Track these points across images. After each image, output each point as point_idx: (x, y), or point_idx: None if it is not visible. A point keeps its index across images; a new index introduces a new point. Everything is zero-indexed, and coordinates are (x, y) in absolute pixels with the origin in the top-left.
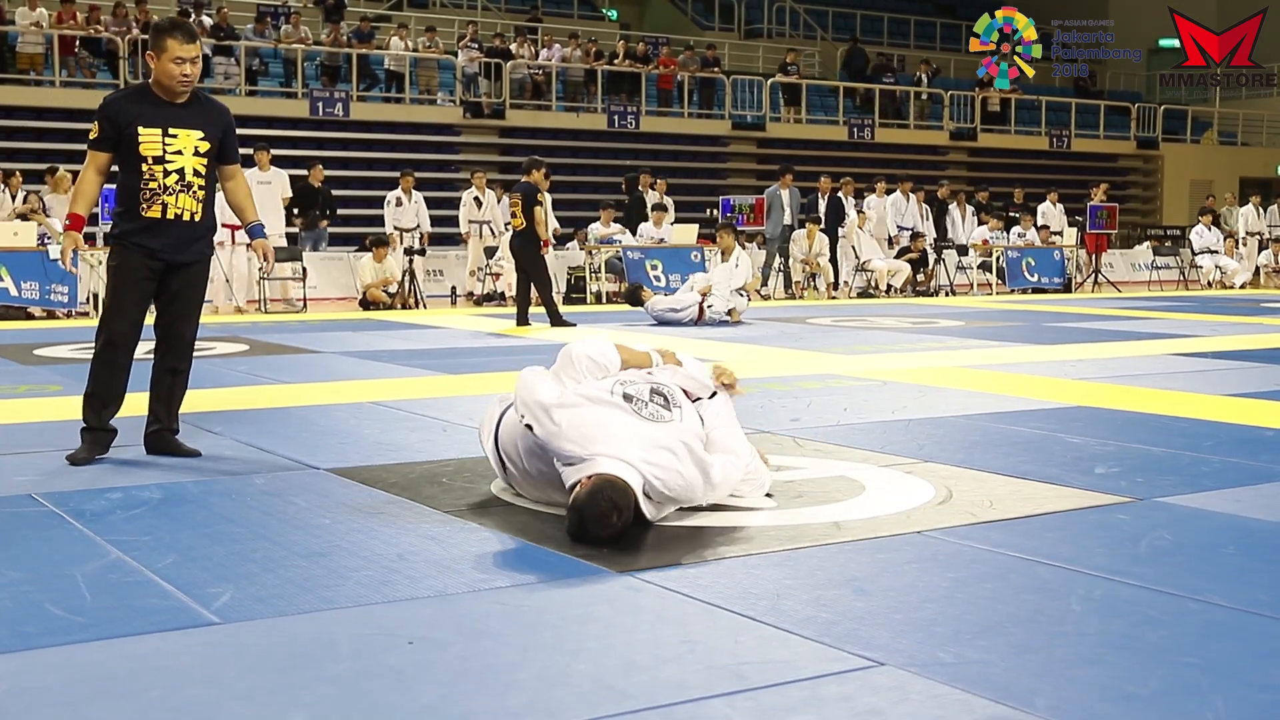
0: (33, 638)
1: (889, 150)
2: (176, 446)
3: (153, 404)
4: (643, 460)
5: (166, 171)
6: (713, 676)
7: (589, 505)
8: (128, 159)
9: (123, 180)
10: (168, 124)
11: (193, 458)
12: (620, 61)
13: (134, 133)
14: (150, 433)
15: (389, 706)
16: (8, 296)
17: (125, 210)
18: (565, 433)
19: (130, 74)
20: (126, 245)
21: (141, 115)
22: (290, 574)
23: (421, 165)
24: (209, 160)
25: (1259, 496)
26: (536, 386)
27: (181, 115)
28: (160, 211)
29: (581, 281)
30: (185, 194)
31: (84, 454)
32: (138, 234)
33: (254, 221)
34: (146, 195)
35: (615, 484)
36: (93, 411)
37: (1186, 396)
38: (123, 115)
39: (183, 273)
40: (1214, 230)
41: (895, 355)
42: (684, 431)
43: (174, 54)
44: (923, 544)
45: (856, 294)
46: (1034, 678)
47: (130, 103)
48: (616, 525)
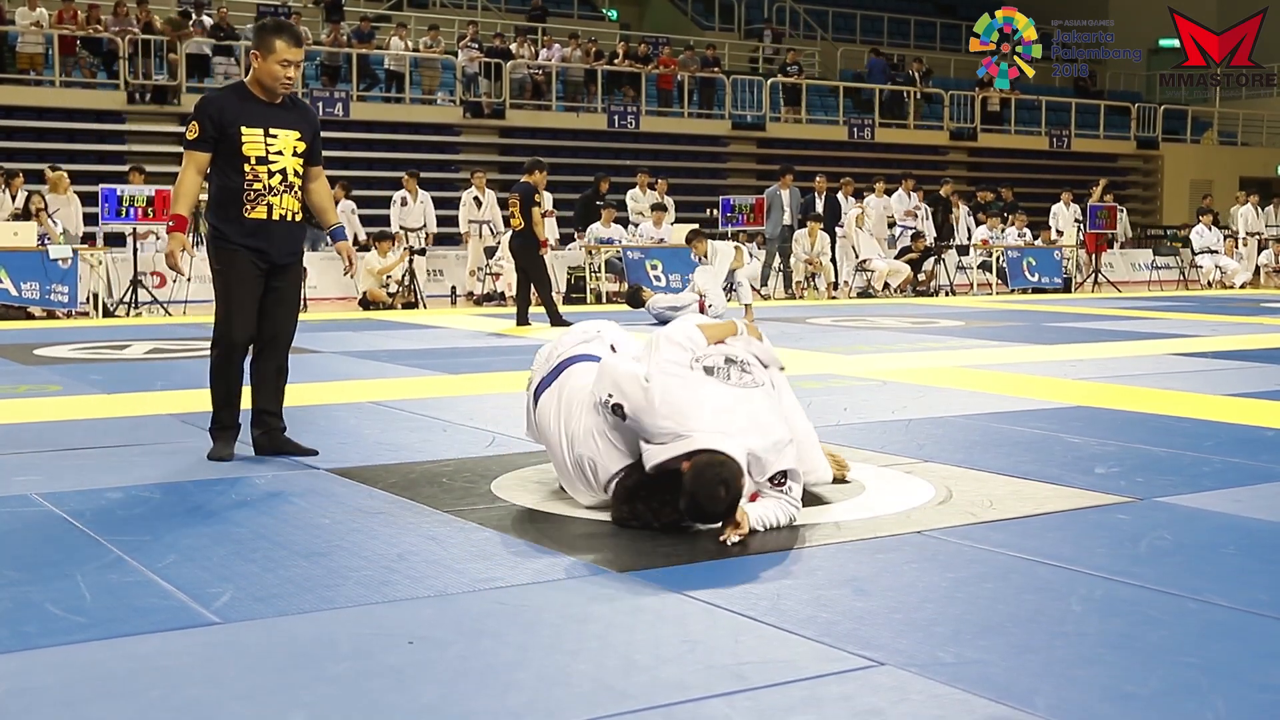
0: (33, 638)
1: (889, 150)
2: (294, 445)
3: (261, 404)
4: (741, 431)
5: (270, 172)
6: (713, 676)
7: (698, 485)
8: (229, 160)
9: (221, 182)
10: (269, 124)
11: (310, 455)
12: (620, 61)
13: (236, 133)
14: (261, 433)
15: (389, 706)
16: (8, 297)
17: (225, 213)
18: (659, 409)
19: (130, 74)
20: (235, 248)
21: (244, 115)
22: (290, 574)
23: (421, 165)
24: (304, 161)
25: (1259, 496)
26: (621, 364)
27: (280, 116)
28: (266, 212)
29: (581, 281)
30: (288, 194)
31: (227, 451)
32: (244, 236)
33: (336, 224)
34: (251, 196)
35: (718, 458)
36: (228, 413)
37: (1186, 396)
38: (225, 115)
39: (285, 272)
40: (1214, 230)
41: (895, 355)
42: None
43: (281, 56)
44: (923, 544)
45: (856, 294)
46: (1034, 678)
47: (231, 102)
48: (726, 500)
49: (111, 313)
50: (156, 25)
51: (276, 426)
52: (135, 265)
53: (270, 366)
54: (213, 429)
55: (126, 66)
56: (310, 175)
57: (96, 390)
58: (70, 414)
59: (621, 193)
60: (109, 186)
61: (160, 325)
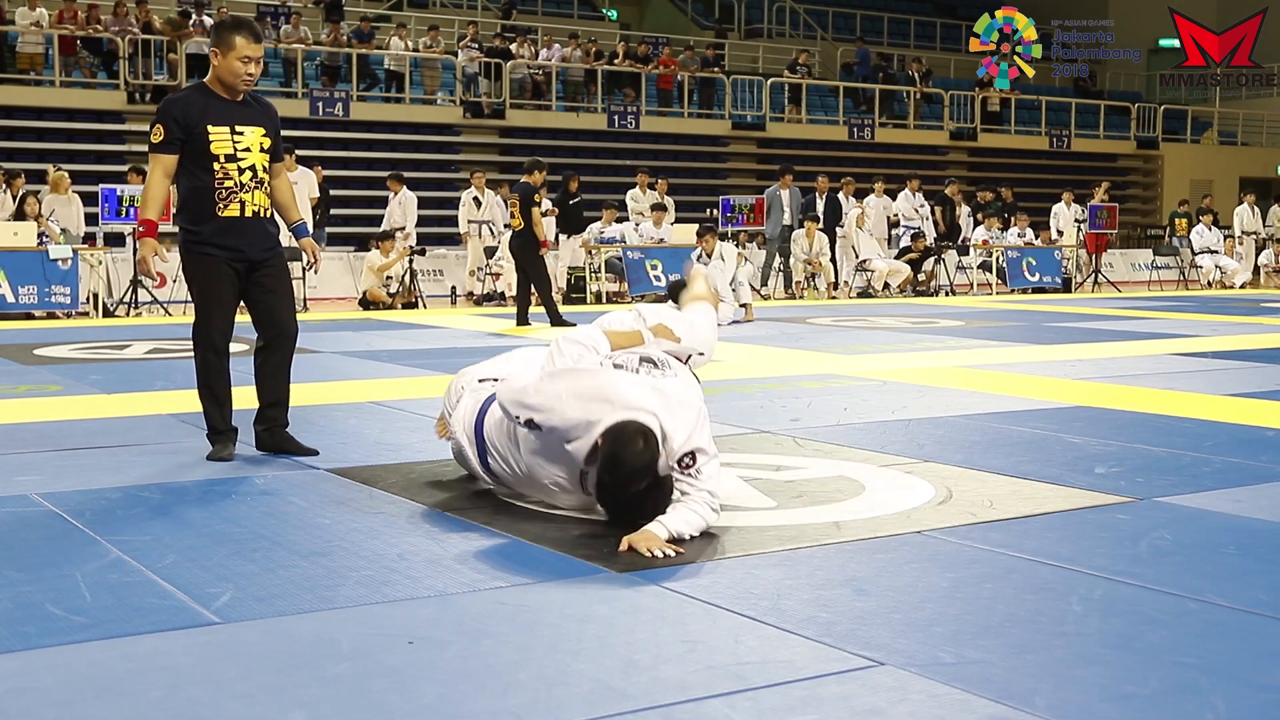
0: (33, 638)
1: (889, 150)
2: (295, 444)
3: (265, 399)
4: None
5: (240, 169)
6: (713, 676)
7: (619, 443)
8: (196, 160)
9: (191, 183)
10: (234, 122)
11: (310, 455)
12: (620, 61)
13: (203, 132)
14: (264, 430)
15: (389, 706)
16: (5, 304)
17: (197, 213)
18: (566, 404)
19: (130, 74)
20: (207, 249)
21: (209, 114)
22: (290, 574)
23: (421, 165)
24: (269, 157)
25: (1259, 496)
26: (515, 382)
27: (244, 113)
28: (239, 209)
29: (581, 281)
30: (259, 190)
31: (227, 452)
32: (218, 235)
33: (299, 221)
34: (223, 194)
35: (633, 421)
36: (220, 416)
37: (1186, 396)
38: (190, 114)
39: (266, 268)
40: (1214, 230)
41: (895, 355)
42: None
43: (241, 52)
44: (923, 544)
45: (856, 294)
46: (1034, 678)
47: (195, 102)
48: (646, 453)
49: (111, 313)
50: (156, 25)
51: (280, 423)
52: (135, 265)
53: (275, 361)
54: (209, 434)
55: (126, 66)
56: (273, 172)
57: (96, 390)
58: (70, 414)
59: (621, 193)
60: (109, 186)
61: (160, 325)
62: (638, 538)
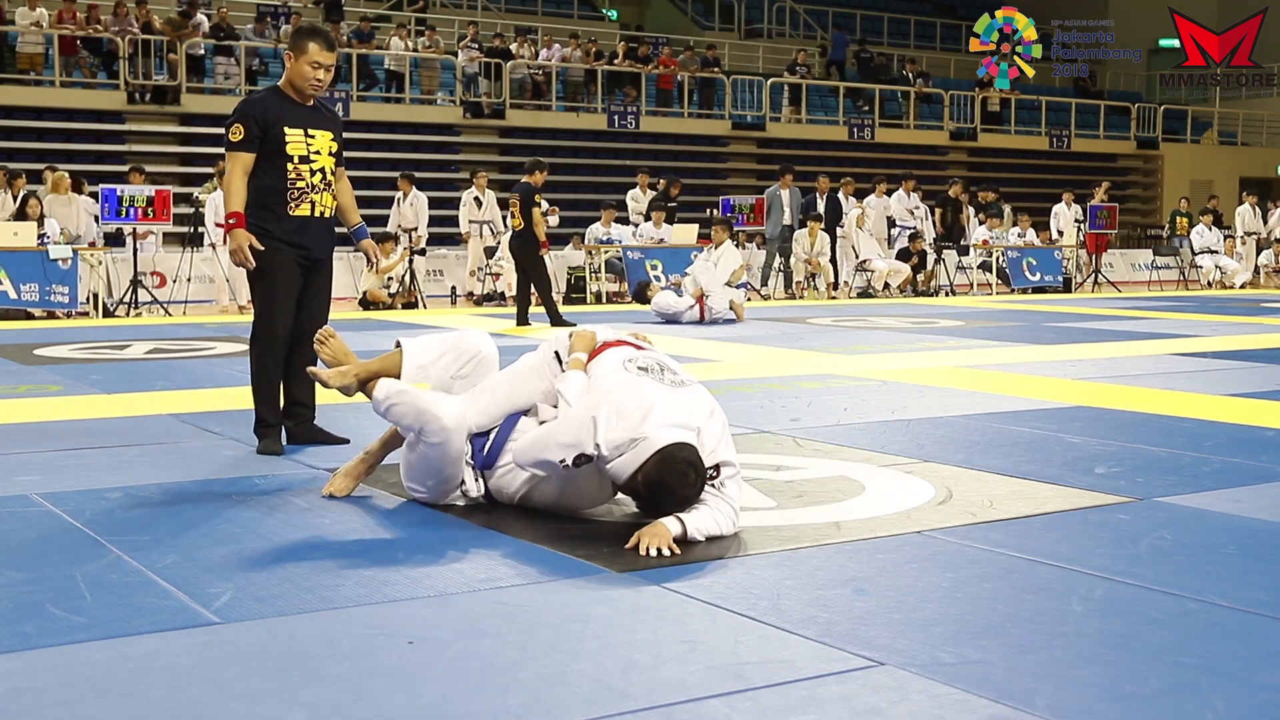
0: (33, 638)
1: (889, 150)
2: (325, 434)
3: (294, 396)
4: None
5: (312, 171)
6: (713, 676)
7: (667, 472)
8: (271, 159)
9: (263, 182)
10: (308, 125)
11: (341, 444)
12: (620, 61)
13: (280, 133)
14: (295, 424)
15: (389, 706)
16: (7, 300)
17: (269, 211)
18: (612, 426)
19: (130, 74)
20: (276, 245)
21: (285, 116)
22: (290, 574)
23: (421, 165)
24: (335, 161)
25: (1259, 496)
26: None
27: (315, 117)
28: (310, 209)
29: (581, 281)
30: (327, 192)
31: (277, 446)
32: (289, 233)
33: (359, 224)
34: (295, 194)
35: (684, 447)
36: (271, 411)
37: (1186, 396)
38: (269, 116)
39: (321, 269)
40: (1214, 230)
41: (895, 355)
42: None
43: (313, 58)
44: (923, 544)
45: (856, 294)
46: (1034, 678)
47: (273, 104)
48: (696, 482)
49: (111, 313)
50: (156, 25)
51: (308, 416)
52: (135, 265)
53: (305, 358)
54: (258, 428)
55: (126, 66)
56: (337, 175)
57: (96, 390)
58: (70, 414)
59: (621, 193)
60: (109, 186)
61: (160, 325)
62: (647, 530)
